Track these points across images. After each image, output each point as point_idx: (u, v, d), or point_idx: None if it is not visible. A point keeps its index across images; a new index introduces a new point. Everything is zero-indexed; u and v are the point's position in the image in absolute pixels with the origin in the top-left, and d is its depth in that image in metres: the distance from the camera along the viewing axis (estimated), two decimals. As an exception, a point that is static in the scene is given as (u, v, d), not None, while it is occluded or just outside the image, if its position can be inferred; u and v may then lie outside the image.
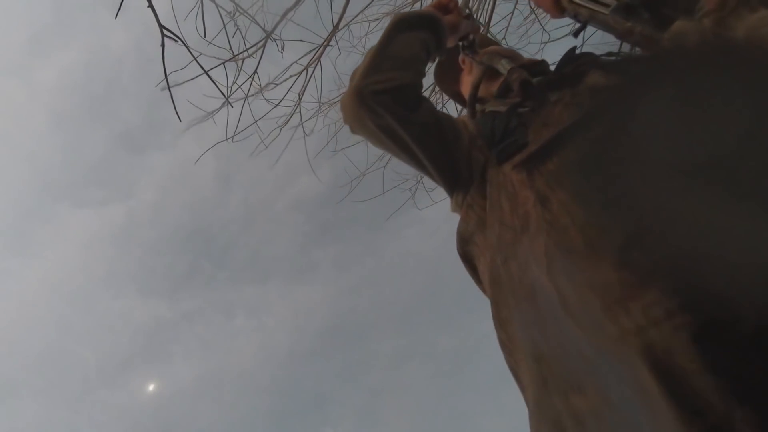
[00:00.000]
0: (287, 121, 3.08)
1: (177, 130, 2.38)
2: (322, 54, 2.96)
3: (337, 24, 2.92)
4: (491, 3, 2.91)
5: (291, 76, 2.95)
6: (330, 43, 2.88)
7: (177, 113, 2.13)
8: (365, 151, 3.12)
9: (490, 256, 0.63)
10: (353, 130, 0.76)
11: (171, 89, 2.20)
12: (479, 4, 2.97)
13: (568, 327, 0.48)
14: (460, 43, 0.89)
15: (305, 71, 2.97)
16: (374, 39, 3.19)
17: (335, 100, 3.15)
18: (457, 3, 0.87)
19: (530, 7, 2.93)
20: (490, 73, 0.84)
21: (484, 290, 0.70)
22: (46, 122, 7.25)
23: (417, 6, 3.28)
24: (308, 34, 2.87)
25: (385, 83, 0.70)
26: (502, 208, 0.62)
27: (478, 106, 0.83)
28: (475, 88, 0.85)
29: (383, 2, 3.18)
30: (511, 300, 0.59)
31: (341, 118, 0.75)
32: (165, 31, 2.00)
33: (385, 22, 3.28)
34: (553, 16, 0.71)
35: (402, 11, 0.82)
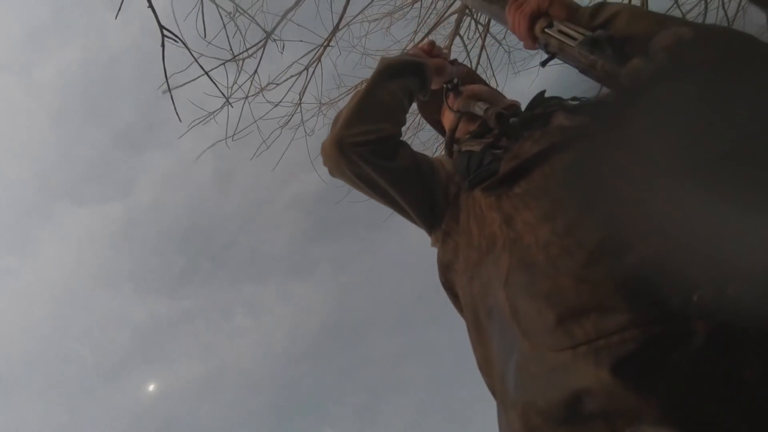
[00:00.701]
0: (288, 121, 3.08)
1: (176, 128, 2.38)
2: (322, 54, 2.96)
3: (338, 24, 2.92)
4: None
5: (291, 77, 2.95)
6: (330, 44, 2.88)
7: (177, 115, 2.14)
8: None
9: (462, 279, 0.66)
10: (332, 174, 0.78)
11: (171, 90, 2.20)
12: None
13: (514, 340, 0.50)
14: (445, 85, 0.93)
15: (306, 71, 2.98)
16: (374, 40, 3.20)
17: (335, 100, 3.16)
18: (440, 49, 0.90)
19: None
20: (468, 116, 0.86)
21: (465, 318, 0.71)
22: (44, 120, 7.24)
23: (416, 6, 3.29)
24: (308, 34, 2.87)
25: (364, 135, 0.72)
26: (471, 231, 0.65)
27: (454, 147, 0.86)
28: (452, 131, 0.88)
29: (383, 2, 3.19)
30: (475, 319, 0.61)
31: (322, 160, 0.77)
32: (165, 32, 2.00)
33: (385, 23, 3.29)
34: (526, 46, 0.73)
35: (389, 56, 0.83)
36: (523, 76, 3.29)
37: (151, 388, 8.37)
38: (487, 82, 1.10)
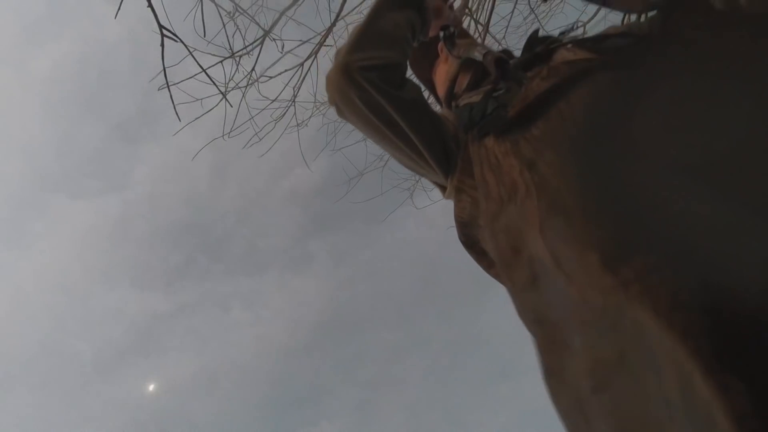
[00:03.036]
0: (283, 115, 3.07)
1: (172, 120, 2.36)
2: (318, 50, 2.95)
3: (335, 21, 2.91)
4: (491, 3, 2.90)
5: (286, 70, 2.94)
6: (326, 43, 2.87)
7: (177, 114, 2.13)
8: (364, 151, 3.13)
9: (486, 234, 0.63)
10: (339, 111, 0.73)
11: (169, 86, 2.19)
12: (479, 4, 2.97)
13: (560, 287, 0.46)
14: (441, 33, 0.89)
15: (301, 67, 2.96)
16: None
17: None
18: None
19: (530, 6, 2.93)
20: (467, 67, 0.83)
21: (495, 275, 0.67)
22: (40, 113, 7.18)
23: None
24: (306, 32, 2.86)
25: (371, 60, 0.68)
26: (487, 182, 0.61)
27: (452, 104, 0.83)
28: (452, 81, 0.84)
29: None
30: (504, 269, 0.58)
31: (328, 95, 0.73)
32: (165, 31, 1.99)
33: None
34: None
35: None
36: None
37: (149, 382, 8.38)
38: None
